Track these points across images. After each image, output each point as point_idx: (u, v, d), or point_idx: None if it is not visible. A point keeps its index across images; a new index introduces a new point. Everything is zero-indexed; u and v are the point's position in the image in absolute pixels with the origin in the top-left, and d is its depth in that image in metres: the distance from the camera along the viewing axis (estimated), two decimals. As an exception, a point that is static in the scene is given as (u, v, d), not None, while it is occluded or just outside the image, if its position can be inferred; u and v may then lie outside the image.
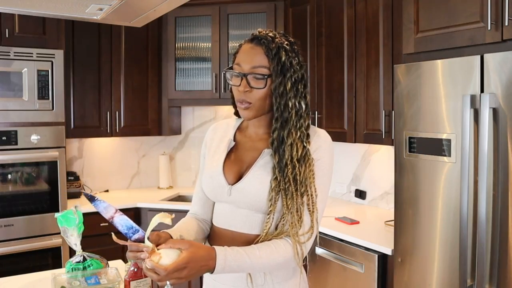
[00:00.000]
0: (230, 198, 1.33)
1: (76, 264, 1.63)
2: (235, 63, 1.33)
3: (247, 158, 1.37)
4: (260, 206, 1.29)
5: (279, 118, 1.29)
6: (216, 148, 1.43)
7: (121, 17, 1.77)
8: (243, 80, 1.28)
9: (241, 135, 1.43)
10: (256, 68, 1.27)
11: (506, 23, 1.80)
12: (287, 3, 3.43)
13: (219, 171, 1.36)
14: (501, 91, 1.73)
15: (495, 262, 1.76)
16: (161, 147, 4.12)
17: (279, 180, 1.26)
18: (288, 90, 1.27)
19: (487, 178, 1.75)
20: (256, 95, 1.28)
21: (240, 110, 1.33)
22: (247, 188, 1.30)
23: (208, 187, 1.38)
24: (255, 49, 1.29)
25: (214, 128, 1.50)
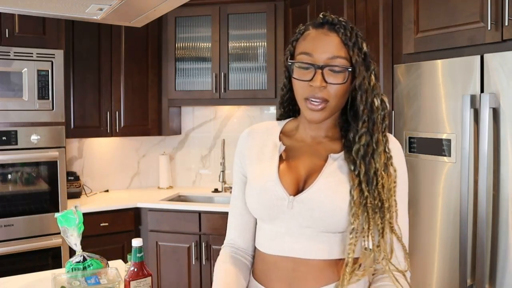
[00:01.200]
0: (291, 212, 1.08)
1: (76, 264, 1.63)
2: (301, 53, 1.08)
3: (306, 164, 1.13)
4: (334, 222, 1.05)
5: (367, 121, 1.07)
6: (259, 155, 1.18)
7: (121, 17, 1.77)
8: (317, 73, 1.04)
9: (289, 139, 1.19)
10: (335, 59, 1.05)
11: (506, 23, 1.80)
12: (287, 3, 3.43)
13: (274, 179, 1.10)
14: (501, 91, 1.73)
15: (495, 262, 1.76)
16: (161, 147, 4.12)
17: (364, 193, 1.04)
18: (373, 86, 1.08)
19: (487, 178, 1.75)
20: (334, 91, 1.05)
21: (308, 111, 1.08)
22: (317, 198, 1.06)
23: (260, 202, 1.12)
24: (330, 36, 1.06)
25: (249, 134, 1.24)
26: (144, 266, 1.49)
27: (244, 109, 3.94)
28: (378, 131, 1.08)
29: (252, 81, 3.58)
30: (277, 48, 3.51)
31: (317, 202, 1.05)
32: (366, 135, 1.07)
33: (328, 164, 1.10)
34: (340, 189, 1.06)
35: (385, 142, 1.09)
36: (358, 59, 1.06)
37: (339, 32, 1.06)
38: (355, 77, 1.07)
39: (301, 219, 1.07)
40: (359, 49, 1.06)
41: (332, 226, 1.06)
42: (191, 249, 3.29)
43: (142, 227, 3.46)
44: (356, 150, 1.08)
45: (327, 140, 1.16)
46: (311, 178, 1.10)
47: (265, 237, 1.15)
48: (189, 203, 3.55)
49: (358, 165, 1.07)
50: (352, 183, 1.06)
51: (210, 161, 4.08)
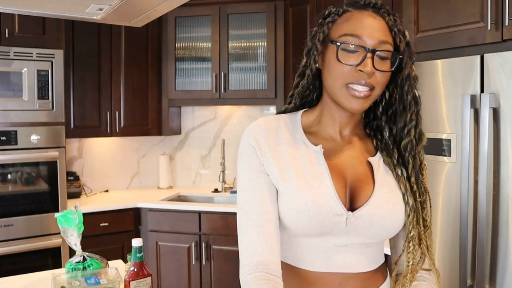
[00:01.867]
0: (345, 229, 0.99)
1: (76, 264, 1.63)
2: (346, 34, 0.97)
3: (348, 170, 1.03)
4: (390, 235, 1.03)
5: (414, 114, 1.02)
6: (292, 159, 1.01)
7: (121, 17, 1.76)
8: (368, 57, 0.94)
9: (315, 138, 1.06)
10: (384, 44, 0.96)
11: (506, 23, 1.80)
12: (287, 3, 3.43)
13: (330, 193, 0.98)
14: (501, 91, 1.73)
15: (495, 262, 1.76)
16: (161, 147, 4.12)
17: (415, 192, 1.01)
18: (415, 77, 1.02)
19: (487, 178, 1.75)
20: (380, 79, 0.97)
21: (349, 98, 0.97)
22: (378, 213, 0.98)
23: (312, 218, 0.97)
24: (377, 19, 0.98)
25: (267, 127, 1.05)
26: (144, 266, 1.49)
27: (244, 109, 3.94)
28: (420, 123, 1.05)
29: (252, 81, 3.58)
30: (277, 48, 3.51)
31: (378, 218, 0.99)
32: (415, 128, 1.03)
33: (376, 170, 1.03)
34: (397, 200, 1.01)
35: None
36: (405, 47, 0.99)
37: (385, 17, 0.99)
38: (401, 65, 1.00)
39: (356, 234, 1.00)
40: (404, 36, 1.00)
41: (387, 237, 1.03)
42: (191, 249, 3.29)
43: (142, 227, 3.46)
44: (405, 146, 1.03)
45: (357, 139, 1.08)
46: (362, 188, 1.01)
47: (307, 253, 1.02)
48: (189, 203, 3.55)
49: (407, 162, 1.02)
50: (404, 189, 1.02)
51: (210, 161, 4.07)
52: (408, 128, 1.03)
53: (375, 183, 1.01)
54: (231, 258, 3.20)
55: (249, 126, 1.06)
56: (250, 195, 1.02)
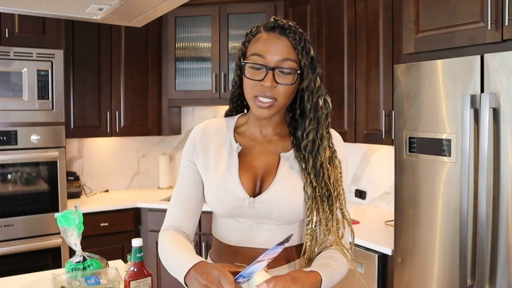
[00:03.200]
0: (252, 212, 1.19)
1: (76, 264, 1.63)
2: (254, 54, 1.17)
3: (261, 164, 1.22)
4: (290, 218, 1.19)
5: (313, 119, 1.19)
6: (217, 155, 1.25)
7: (121, 17, 1.76)
8: (268, 74, 1.13)
9: (242, 137, 1.27)
10: (285, 61, 1.14)
11: (506, 23, 1.80)
12: (287, 3, 3.43)
13: (235, 182, 1.19)
14: (501, 91, 1.73)
15: (495, 262, 1.76)
16: (161, 147, 4.12)
17: (314, 186, 1.17)
18: (318, 87, 1.18)
19: (487, 178, 1.75)
20: (283, 91, 1.15)
21: (256, 108, 1.17)
22: (276, 199, 1.17)
23: (221, 201, 1.21)
24: (281, 39, 1.15)
25: (203, 129, 1.30)
26: (144, 266, 1.49)
27: (244, 109, 3.94)
28: (322, 128, 1.19)
29: (252, 81, 3.58)
30: (277, 48, 3.50)
31: (276, 203, 1.17)
32: (313, 132, 1.19)
33: (282, 164, 1.21)
34: (295, 188, 1.18)
35: (329, 138, 1.21)
36: (306, 62, 1.15)
37: (289, 36, 1.14)
38: (303, 78, 1.17)
39: (261, 216, 1.19)
40: (307, 53, 1.16)
41: (289, 220, 1.19)
42: (191, 249, 3.28)
43: (142, 227, 3.46)
44: (304, 146, 1.19)
45: (277, 138, 1.25)
46: (268, 178, 1.20)
47: (226, 229, 1.25)
48: (189, 203, 3.54)
49: (307, 159, 1.18)
50: (305, 181, 1.18)
51: (210, 161, 4.07)
52: (306, 131, 1.19)
53: (277, 174, 1.19)
54: (231, 258, 3.19)
55: (196, 128, 1.31)
56: (179, 179, 1.30)
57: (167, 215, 1.33)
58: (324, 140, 1.20)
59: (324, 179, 1.17)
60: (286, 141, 1.26)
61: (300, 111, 1.23)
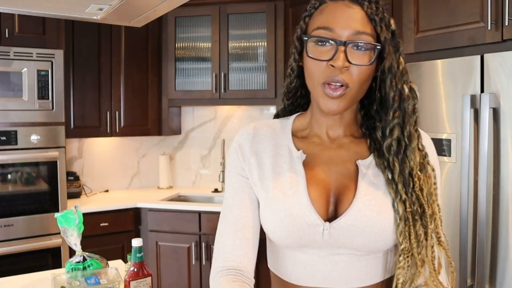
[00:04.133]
0: (326, 241, 0.90)
1: (76, 264, 1.63)
2: (319, 27, 0.90)
3: (333, 177, 0.94)
4: (378, 246, 0.90)
5: (397, 111, 0.90)
6: (274, 166, 0.97)
7: (121, 17, 1.76)
8: (339, 50, 0.86)
9: (303, 143, 0.99)
10: (359, 35, 0.87)
11: (506, 23, 1.80)
12: (287, 3, 3.43)
13: (304, 202, 0.90)
14: (501, 91, 1.73)
15: (495, 262, 1.76)
16: (161, 147, 4.12)
17: (404, 200, 0.88)
18: (402, 70, 0.91)
19: (487, 178, 1.75)
20: (357, 74, 0.88)
21: (324, 99, 0.89)
22: (360, 223, 0.88)
23: (286, 229, 0.91)
24: (353, 8, 0.89)
25: (252, 133, 1.02)
26: (144, 266, 1.49)
27: (244, 109, 3.94)
28: (409, 123, 0.91)
29: (252, 81, 3.58)
30: (277, 48, 3.50)
31: (359, 228, 0.88)
32: (398, 127, 0.91)
33: (362, 174, 0.92)
34: (383, 207, 0.89)
35: (418, 137, 0.93)
36: (387, 37, 0.89)
37: (363, 4, 0.89)
38: (382, 58, 0.90)
39: (338, 246, 0.90)
40: (387, 25, 0.90)
41: (376, 249, 0.90)
42: (191, 249, 3.29)
43: (142, 227, 3.46)
44: (387, 146, 0.91)
45: (349, 141, 0.98)
46: (345, 194, 0.91)
47: (290, 264, 0.95)
48: (189, 203, 3.55)
49: (392, 165, 0.90)
50: (393, 195, 0.90)
51: (210, 161, 4.07)
52: (390, 127, 0.91)
53: (357, 189, 0.90)
54: (231, 258, 3.19)
55: (243, 132, 1.04)
56: (230, 199, 1.00)
57: (219, 249, 0.98)
58: (413, 139, 0.91)
59: (415, 191, 0.89)
60: (361, 144, 0.98)
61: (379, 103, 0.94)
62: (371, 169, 0.93)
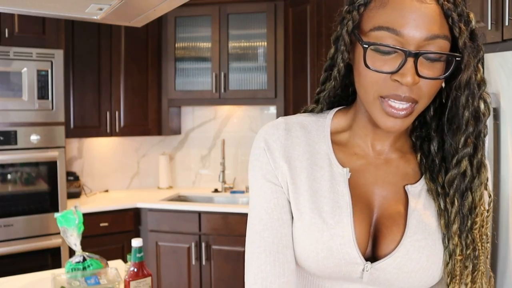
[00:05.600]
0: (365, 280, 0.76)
1: (76, 264, 1.63)
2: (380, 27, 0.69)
3: (373, 202, 0.78)
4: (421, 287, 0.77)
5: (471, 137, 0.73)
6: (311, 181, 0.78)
7: (121, 17, 1.76)
8: (408, 62, 0.67)
9: (343, 151, 0.81)
10: (434, 39, 0.67)
11: (506, 23, 1.79)
12: (287, 3, 3.43)
13: (347, 237, 0.74)
14: (501, 91, 1.73)
15: (495, 262, 1.76)
16: (161, 147, 4.12)
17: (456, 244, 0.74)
18: (479, 81, 0.72)
19: (487, 178, 1.75)
20: (428, 89, 0.70)
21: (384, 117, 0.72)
22: (407, 267, 0.74)
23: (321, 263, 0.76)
24: (427, 3, 0.67)
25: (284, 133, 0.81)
26: (144, 266, 1.49)
27: (244, 109, 3.94)
28: (481, 150, 0.74)
29: (252, 81, 3.58)
30: (277, 48, 3.51)
31: (405, 272, 0.74)
32: (468, 159, 0.74)
33: (411, 208, 0.76)
34: (434, 250, 0.75)
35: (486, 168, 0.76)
36: (467, 42, 0.69)
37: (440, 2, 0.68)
38: (460, 68, 0.71)
39: (378, 284, 0.77)
40: (466, 23, 0.71)
41: None
42: (191, 249, 3.28)
43: (142, 227, 3.45)
44: (450, 180, 0.75)
45: (398, 156, 0.81)
46: (390, 230, 0.76)
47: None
48: (189, 203, 3.55)
49: (451, 200, 0.75)
50: (445, 230, 0.75)
51: (210, 161, 4.07)
52: (458, 157, 0.74)
53: (407, 226, 0.75)
54: (231, 258, 3.20)
55: (264, 127, 0.83)
56: (263, 212, 0.79)
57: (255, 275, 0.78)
58: (485, 170, 0.74)
59: (472, 232, 0.74)
60: (411, 161, 0.81)
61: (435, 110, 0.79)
62: (422, 197, 0.78)
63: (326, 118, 0.84)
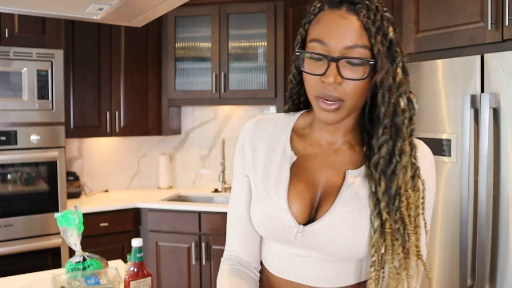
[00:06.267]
0: (299, 242, 0.95)
1: (76, 264, 1.63)
2: (313, 39, 0.88)
3: (321, 182, 0.96)
4: (347, 256, 0.93)
5: (388, 126, 0.89)
6: (266, 162, 1.01)
7: (121, 17, 1.76)
8: (331, 66, 0.85)
9: (301, 141, 1.01)
10: (353, 48, 0.85)
11: (506, 23, 1.79)
12: (287, 3, 3.43)
13: (282, 204, 0.95)
14: (501, 91, 1.73)
15: (495, 262, 1.76)
16: (161, 147, 4.12)
17: (385, 219, 0.89)
18: (398, 82, 0.88)
19: (487, 178, 1.74)
20: (351, 89, 0.87)
21: (320, 112, 0.90)
22: (331, 231, 0.91)
23: (264, 226, 0.98)
24: (348, 19, 0.85)
25: (256, 127, 1.05)
26: (144, 266, 1.49)
27: (244, 109, 3.94)
28: (403, 138, 0.89)
29: (252, 81, 3.58)
30: (277, 48, 3.51)
31: (330, 236, 0.91)
32: (388, 144, 0.89)
33: (346, 185, 0.93)
34: (358, 221, 0.91)
35: (411, 151, 0.90)
36: (382, 49, 0.85)
37: (360, 13, 0.85)
38: (376, 70, 0.87)
39: (310, 248, 0.94)
40: (384, 35, 0.86)
41: (346, 258, 0.93)
42: (191, 249, 3.28)
43: (142, 227, 3.46)
44: (375, 163, 0.90)
45: (347, 148, 0.98)
46: (326, 202, 0.94)
47: (271, 255, 1.02)
48: (189, 203, 3.55)
49: (377, 181, 0.90)
50: (372, 209, 0.91)
51: (210, 161, 4.07)
52: (378, 144, 0.90)
53: (337, 199, 0.92)
54: (231, 258, 3.19)
55: (246, 125, 1.08)
56: (232, 196, 1.09)
57: (226, 240, 1.09)
58: (405, 156, 0.89)
59: (400, 210, 0.88)
60: (357, 152, 0.98)
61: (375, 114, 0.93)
62: (359, 179, 0.94)
63: (293, 117, 1.05)
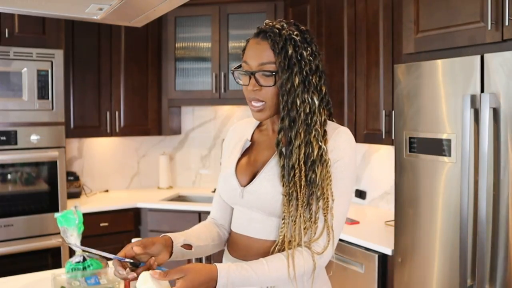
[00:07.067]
0: (242, 201, 1.27)
1: (76, 264, 1.63)
2: (243, 61, 1.25)
3: (262, 157, 1.30)
4: (273, 210, 1.22)
5: (285, 118, 1.20)
6: (232, 149, 1.38)
7: (121, 17, 1.76)
8: (251, 78, 1.21)
9: (260, 133, 1.37)
10: (264, 65, 1.19)
11: (506, 23, 1.80)
12: (287, 3, 3.43)
13: (231, 172, 1.30)
14: (501, 91, 1.73)
15: (495, 262, 1.76)
16: (161, 147, 4.12)
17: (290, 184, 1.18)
18: (296, 85, 1.18)
19: (487, 178, 1.75)
20: (267, 93, 1.20)
21: (252, 112, 1.25)
22: (259, 190, 1.23)
23: (222, 190, 1.34)
24: (261, 44, 1.20)
25: (234, 128, 1.45)
26: (144, 266, 1.48)
27: (244, 109, 3.94)
28: (298, 127, 1.19)
29: (252, 81, 3.58)
30: (277, 48, 3.50)
31: (259, 194, 1.23)
32: (285, 130, 1.20)
33: (273, 158, 1.26)
34: (276, 182, 1.21)
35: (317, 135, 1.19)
36: (282, 63, 1.17)
37: (269, 39, 1.18)
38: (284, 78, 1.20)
39: (250, 205, 1.26)
40: (285, 52, 1.17)
41: (274, 213, 1.22)
42: (191, 249, 3.28)
43: (142, 227, 3.46)
44: (276, 144, 1.23)
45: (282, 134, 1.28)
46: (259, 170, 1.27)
47: (234, 217, 1.35)
48: (189, 203, 3.55)
49: (280, 159, 1.22)
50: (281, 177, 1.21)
51: (210, 161, 4.07)
52: (278, 129, 1.23)
53: (266, 165, 1.25)
54: (231, 258, 3.19)
55: None
56: (219, 177, 1.40)
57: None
58: (297, 139, 1.19)
59: (295, 180, 1.17)
60: None
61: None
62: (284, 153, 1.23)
63: None
